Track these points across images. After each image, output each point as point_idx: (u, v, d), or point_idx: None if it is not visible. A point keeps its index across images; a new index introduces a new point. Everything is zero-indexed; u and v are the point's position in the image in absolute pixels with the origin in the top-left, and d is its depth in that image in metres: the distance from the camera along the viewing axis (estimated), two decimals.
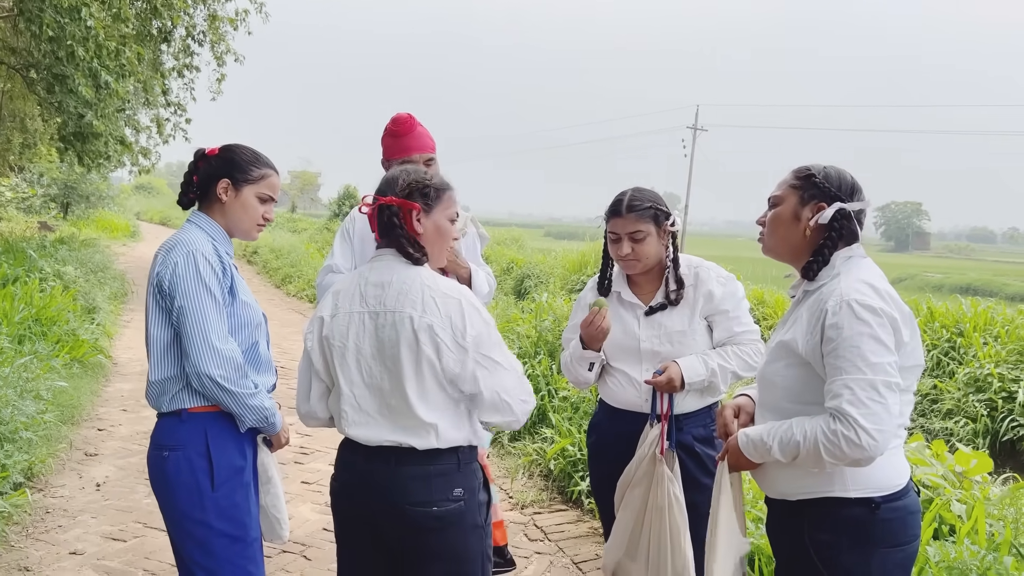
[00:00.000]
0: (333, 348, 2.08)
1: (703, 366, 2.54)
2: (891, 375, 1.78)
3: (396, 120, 2.90)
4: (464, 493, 2.06)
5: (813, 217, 1.96)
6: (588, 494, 4.49)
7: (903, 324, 1.83)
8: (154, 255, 2.33)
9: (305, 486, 4.83)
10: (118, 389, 7.04)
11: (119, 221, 26.99)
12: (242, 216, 2.36)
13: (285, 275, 16.16)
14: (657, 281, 2.68)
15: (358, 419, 2.07)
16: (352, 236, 2.98)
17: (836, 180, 1.98)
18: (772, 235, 2.04)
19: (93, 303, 9.64)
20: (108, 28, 9.81)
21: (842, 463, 1.80)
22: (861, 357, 1.77)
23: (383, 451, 2.05)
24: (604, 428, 2.78)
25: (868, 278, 1.88)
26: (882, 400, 1.76)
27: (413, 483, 2.03)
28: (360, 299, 2.07)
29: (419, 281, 2.03)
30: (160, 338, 2.27)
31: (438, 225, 2.12)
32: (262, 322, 2.44)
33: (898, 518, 1.88)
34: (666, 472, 2.53)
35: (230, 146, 2.39)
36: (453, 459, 2.06)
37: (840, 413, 1.77)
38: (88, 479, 4.81)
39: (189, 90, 13.78)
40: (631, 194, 2.61)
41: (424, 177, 2.11)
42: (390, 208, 2.07)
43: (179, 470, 2.24)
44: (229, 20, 13.04)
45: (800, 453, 1.84)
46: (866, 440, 1.74)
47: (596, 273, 2.83)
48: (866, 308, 1.80)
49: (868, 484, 1.87)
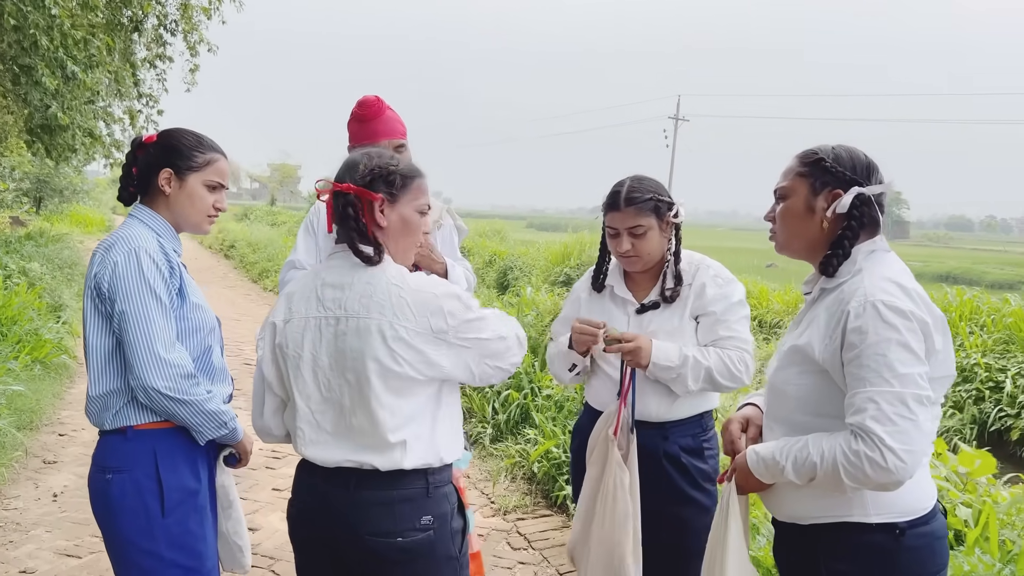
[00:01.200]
0: (287, 358, 1.84)
1: (676, 352, 2.32)
2: (922, 387, 1.56)
3: (362, 103, 2.64)
4: (434, 521, 1.81)
5: (829, 207, 1.72)
6: (573, 499, 4.29)
7: (935, 330, 1.61)
8: (92, 254, 2.08)
9: (276, 493, 4.59)
10: (82, 391, 6.73)
11: (94, 215, 26.58)
12: (189, 208, 2.12)
13: (263, 269, 15.85)
14: (655, 277, 2.46)
15: (315, 438, 1.83)
16: (316, 230, 2.74)
17: (849, 162, 1.74)
18: (784, 231, 1.81)
19: (59, 301, 9.33)
20: (76, 17, 9.47)
21: (865, 487, 1.59)
22: (888, 367, 1.55)
23: (342, 473, 1.81)
24: (587, 431, 2.56)
25: (895, 276, 1.65)
26: (912, 416, 1.53)
27: (375, 510, 1.78)
28: (316, 302, 1.81)
29: (384, 280, 1.77)
30: (100, 347, 2.02)
31: (404, 218, 1.85)
32: (215, 326, 2.20)
33: (925, 545, 1.67)
34: (615, 456, 2.33)
35: (169, 131, 2.14)
36: (421, 482, 1.81)
37: (863, 431, 1.55)
38: (45, 489, 4.55)
39: (162, 81, 13.44)
40: (629, 185, 2.38)
41: (389, 162, 1.84)
42: (346, 197, 1.79)
43: (124, 494, 2.00)
44: (203, 9, 12.68)
45: (817, 475, 1.62)
46: (893, 462, 1.52)
47: (577, 264, 2.63)
48: (894, 311, 1.58)
49: (892, 508, 1.65)
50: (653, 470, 2.38)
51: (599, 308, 2.52)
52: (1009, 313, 8.94)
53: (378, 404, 1.75)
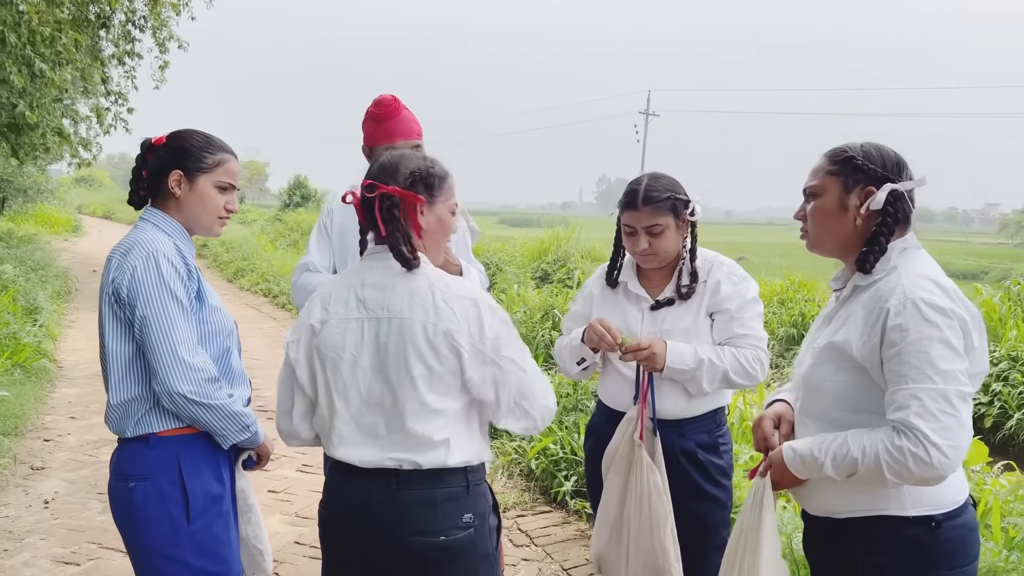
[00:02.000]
0: (325, 360, 1.83)
1: (691, 355, 2.33)
2: (963, 384, 1.58)
3: (379, 103, 2.62)
4: (474, 519, 1.82)
5: (863, 204, 1.74)
6: (573, 495, 4.32)
7: (973, 327, 1.64)
8: (107, 259, 2.04)
9: (272, 495, 4.56)
10: (65, 395, 6.64)
11: (60, 215, 26.00)
12: (201, 210, 2.09)
13: (237, 268, 15.66)
14: (669, 273, 2.48)
15: (354, 438, 1.82)
16: (330, 231, 2.71)
17: (879, 158, 1.76)
18: (818, 229, 1.82)
19: (35, 303, 9.15)
20: (42, 13, 9.27)
21: (907, 483, 1.62)
22: (930, 364, 1.57)
23: (382, 474, 1.80)
24: (602, 430, 2.58)
25: (931, 273, 1.68)
26: (955, 412, 1.56)
27: (418, 510, 1.78)
28: (357, 303, 1.81)
29: (427, 282, 1.79)
30: (120, 354, 1.99)
31: (440, 218, 1.88)
32: (233, 329, 2.18)
33: (959, 536, 1.70)
34: (645, 459, 2.35)
35: (179, 132, 2.11)
36: (462, 480, 1.82)
37: (907, 427, 1.57)
38: (35, 496, 4.47)
39: (131, 78, 13.21)
40: (647, 184, 2.38)
41: (426, 164, 1.85)
42: (391, 199, 1.79)
43: (148, 502, 1.97)
44: (172, 5, 12.49)
45: (859, 470, 1.64)
46: (937, 458, 1.54)
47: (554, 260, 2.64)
48: (935, 308, 1.60)
49: (928, 501, 1.68)
50: (671, 467, 2.40)
51: (612, 304, 2.52)
52: (981, 304, 9.15)
53: (422, 404, 1.76)
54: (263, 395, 6.82)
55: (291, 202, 26.97)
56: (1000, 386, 7.57)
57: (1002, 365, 7.90)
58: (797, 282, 12.14)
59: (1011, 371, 7.75)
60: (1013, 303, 9.32)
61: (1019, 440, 7.17)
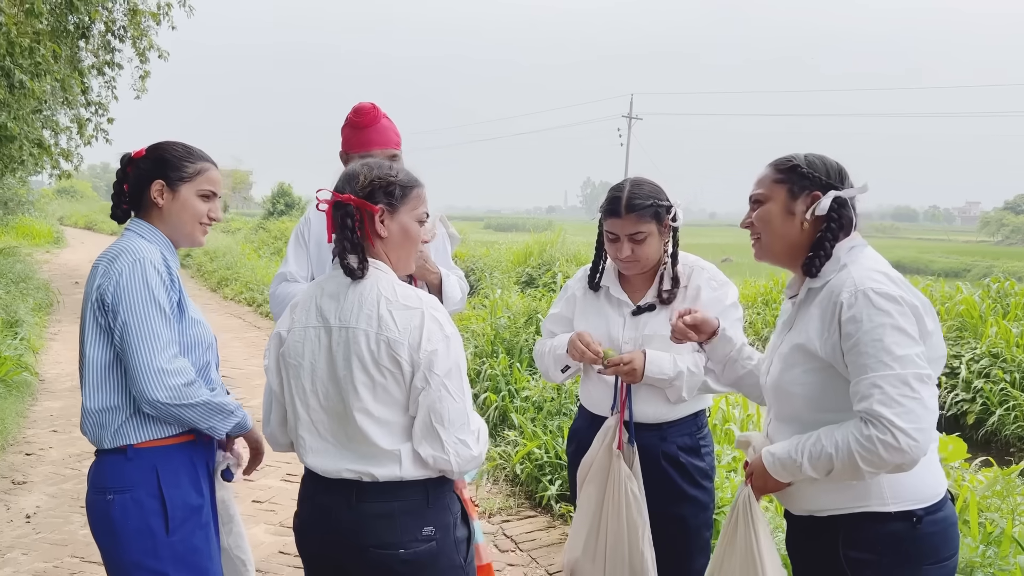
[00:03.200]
0: (288, 367, 1.86)
1: (671, 365, 2.33)
2: (921, 367, 1.62)
3: (358, 110, 2.62)
4: (436, 532, 1.81)
5: (809, 209, 1.81)
6: (558, 499, 4.33)
7: (925, 312, 1.68)
8: (93, 267, 2.05)
9: (256, 505, 4.54)
10: (46, 408, 6.59)
11: (41, 227, 25.77)
12: (183, 219, 2.11)
13: (221, 278, 15.57)
14: (651, 278, 2.48)
15: (316, 446, 1.85)
16: (307, 240, 2.71)
17: (823, 167, 1.83)
18: (766, 235, 1.87)
19: (15, 316, 9.06)
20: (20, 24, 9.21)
21: (882, 471, 1.64)
22: (886, 350, 1.61)
23: (343, 484, 1.82)
24: (584, 434, 2.58)
25: (879, 266, 1.74)
26: (916, 395, 1.60)
27: (376, 522, 1.79)
28: (316, 313, 1.84)
29: (376, 291, 1.79)
30: (98, 361, 2.00)
31: (405, 227, 1.86)
32: (213, 342, 2.19)
33: (940, 531, 1.73)
34: (623, 468, 2.36)
35: (158, 144, 2.13)
36: (420, 493, 1.81)
37: (872, 415, 1.60)
38: (17, 510, 4.43)
39: (111, 88, 13.11)
40: (630, 191, 2.37)
41: (388, 173, 1.85)
42: (345, 208, 1.79)
43: (127, 515, 1.97)
44: (151, 14, 12.42)
45: (835, 466, 1.67)
46: (905, 442, 1.58)
47: (538, 264, 2.64)
48: (884, 296, 1.65)
49: (909, 496, 1.71)
50: (652, 471, 2.41)
51: (594, 309, 2.52)
52: (961, 301, 9.23)
53: (366, 414, 1.77)
54: (248, 404, 6.80)
55: (275, 210, 26.88)
56: (982, 383, 7.63)
57: (983, 362, 7.97)
58: (781, 283, 12.21)
59: (992, 368, 7.82)
60: (993, 300, 9.40)
61: (1001, 436, 7.24)
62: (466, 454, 1.77)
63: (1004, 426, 7.25)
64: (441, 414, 1.75)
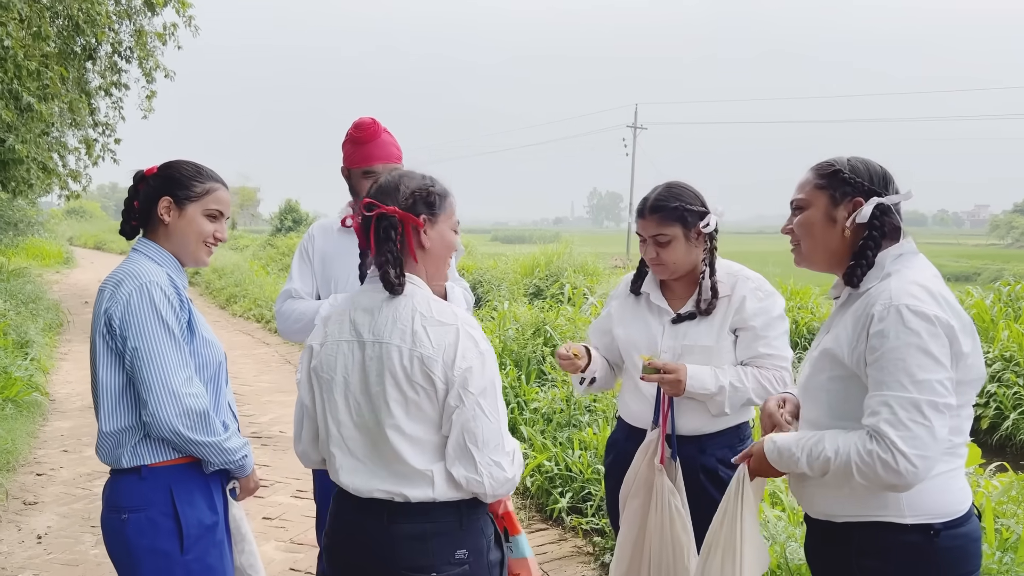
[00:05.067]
0: (321, 381, 1.82)
1: (712, 380, 2.29)
2: (939, 394, 1.58)
3: (358, 125, 2.63)
4: (469, 555, 1.76)
5: (850, 216, 1.76)
6: (569, 511, 4.30)
7: (962, 333, 1.63)
8: (99, 290, 2.05)
9: (267, 522, 4.53)
10: (57, 428, 6.60)
11: (51, 248, 25.94)
12: (189, 237, 2.11)
13: (230, 295, 15.63)
14: (692, 287, 2.42)
15: (347, 464, 1.80)
16: (312, 256, 2.71)
17: (866, 172, 1.78)
18: (806, 242, 1.83)
19: (26, 337, 9.10)
20: (28, 48, 9.30)
21: (875, 486, 1.62)
22: (906, 372, 1.58)
23: (375, 504, 1.77)
24: (622, 446, 2.56)
25: (922, 279, 1.68)
26: (926, 423, 1.56)
27: (409, 544, 1.74)
28: (350, 326, 1.80)
29: (410, 306, 1.75)
30: (111, 384, 2.00)
31: (443, 237, 1.83)
32: (222, 361, 2.19)
33: (959, 546, 1.69)
34: (666, 483, 2.32)
35: (169, 163, 2.15)
36: (454, 515, 1.76)
37: (877, 433, 1.59)
38: (28, 531, 4.43)
39: (118, 109, 13.22)
40: (658, 192, 2.37)
41: (426, 183, 1.81)
42: (389, 220, 1.75)
43: (142, 534, 1.98)
44: (157, 35, 12.52)
45: (830, 469, 1.66)
46: (904, 466, 1.55)
47: (545, 276, 2.65)
48: (918, 315, 1.60)
49: (927, 509, 1.68)
50: (691, 485, 2.36)
51: (634, 314, 2.50)
52: (972, 305, 9.18)
53: (398, 431, 1.73)
54: (257, 421, 6.81)
55: (282, 226, 27.03)
56: (995, 387, 7.57)
57: (996, 366, 7.91)
58: (790, 290, 12.16)
59: (1005, 372, 7.76)
60: (1004, 304, 9.35)
61: (1016, 441, 7.17)
62: (500, 476, 1.73)
63: (1019, 430, 7.18)
64: (475, 434, 1.70)
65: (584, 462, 4.47)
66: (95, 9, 10.08)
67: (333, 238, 2.71)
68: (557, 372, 6.53)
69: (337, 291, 2.61)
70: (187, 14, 12.42)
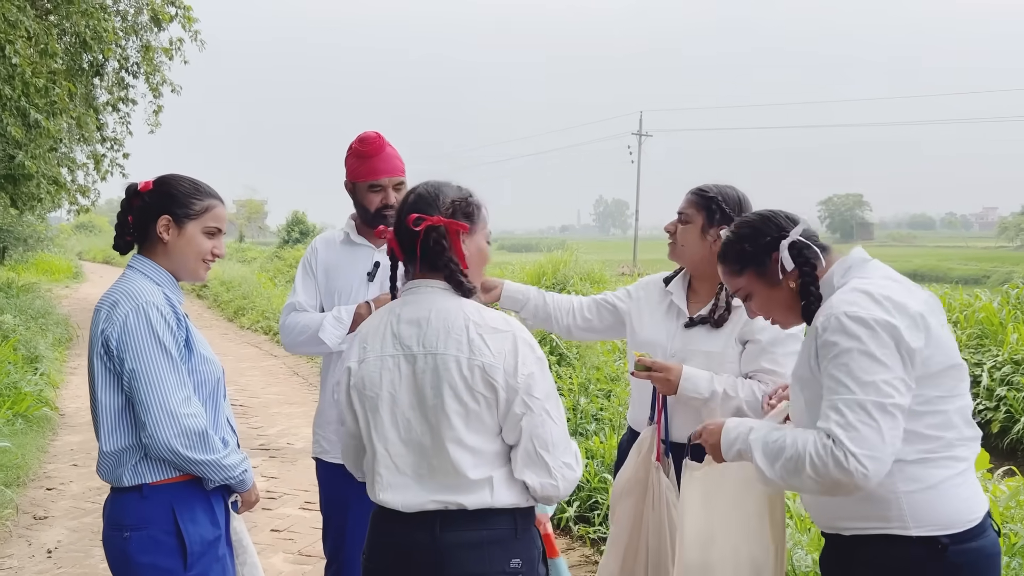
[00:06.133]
0: (364, 399, 1.76)
1: (707, 385, 2.27)
2: (886, 395, 1.58)
3: (362, 139, 2.64)
4: (523, 565, 1.72)
5: (787, 276, 1.81)
6: (576, 520, 4.31)
7: (909, 330, 1.62)
8: (96, 310, 2.04)
9: (275, 534, 4.54)
10: (67, 442, 6.64)
11: (60, 263, 26.13)
12: (188, 255, 2.10)
13: (238, 307, 15.69)
14: (713, 293, 2.42)
15: (395, 482, 1.74)
16: (315, 269, 2.73)
17: (760, 222, 1.87)
18: (771, 315, 1.92)
19: (35, 352, 9.17)
20: (36, 65, 9.38)
21: (824, 482, 1.61)
22: (850, 375, 1.60)
23: (425, 517, 1.72)
24: (624, 448, 2.56)
25: (865, 285, 1.69)
26: (871, 423, 1.57)
27: (464, 552, 1.69)
28: (393, 340, 1.74)
29: (462, 315, 1.71)
30: (111, 405, 2.00)
31: (480, 247, 1.83)
32: (220, 377, 2.18)
33: (970, 562, 1.65)
34: (663, 480, 2.31)
35: (165, 178, 2.12)
36: (509, 522, 1.73)
37: (829, 435, 1.60)
38: (38, 545, 4.46)
39: (125, 124, 13.32)
40: (710, 184, 2.40)
41: (464, 194, 1.81)
42: (437, 230, 1.73)
43: (144, 552, 1.98)
44: (164, 50, 12.62)
45: (782, 458, 1.66)
46: (854, 465, 1.55)
47: (552, 284, 2.66)
48: (855, 320, 1.62)
49: (932, 520, 1.64)
50: None
51: (652, 311, 2.51)
52: (980, 308, 9.12)
53: (459, 444, 1.69)
54: (265, 433, 6.84)
55: (290, 238, 27.10)
56: (1005, 391, 7.52)
57: (1005, 369, 7.84)
58: None
59: (1015, 375, 7.71)
60: (1013, 307, 9.29)
61: None
62: (571, 476, 1.73)
63: None
64: (545, 439, 1.69)
65: (591, 471, 4.47)
66: (102, 26, 10.17)
67: (336, 251, 2.73)
68: (564, 381, 6.53)
69: (340, 304, 2.62)
70: (193, 29, 12.52)
